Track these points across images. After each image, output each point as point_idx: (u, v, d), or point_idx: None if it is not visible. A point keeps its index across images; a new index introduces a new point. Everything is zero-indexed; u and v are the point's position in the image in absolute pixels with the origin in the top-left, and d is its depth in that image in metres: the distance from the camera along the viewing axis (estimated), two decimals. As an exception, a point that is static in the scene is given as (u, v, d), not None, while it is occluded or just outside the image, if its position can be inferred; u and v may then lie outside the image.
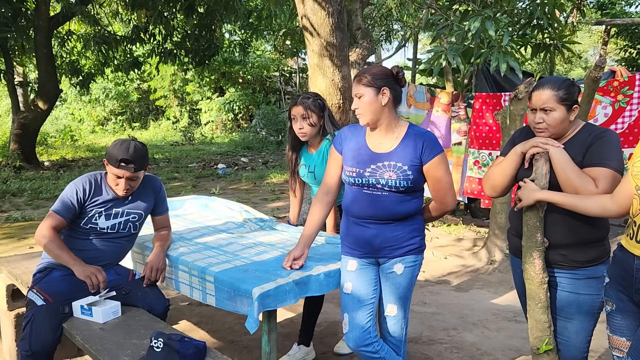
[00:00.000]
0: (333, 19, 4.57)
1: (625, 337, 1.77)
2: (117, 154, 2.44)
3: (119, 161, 2.43)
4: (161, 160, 13.31)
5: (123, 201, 2.60)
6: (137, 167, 2.48)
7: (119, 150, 2.45)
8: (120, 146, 2.46)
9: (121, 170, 2.45)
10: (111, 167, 2.48)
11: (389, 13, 14.13)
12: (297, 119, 2.82)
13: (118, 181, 2.50)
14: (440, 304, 3.91)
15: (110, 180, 2.54)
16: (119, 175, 2.48)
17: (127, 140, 2.51)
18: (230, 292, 2.20)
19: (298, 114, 2.81)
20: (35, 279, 2.50)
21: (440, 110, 6.00)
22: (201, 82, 20.57)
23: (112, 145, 2.50)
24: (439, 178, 2.17)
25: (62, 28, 12.79)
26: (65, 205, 2.49)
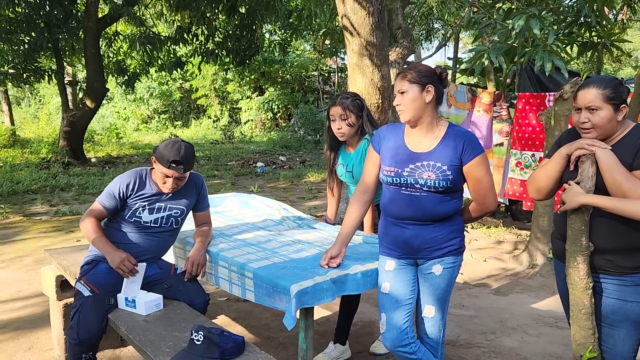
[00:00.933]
0: (373, 18, 4.55)
1: None
2: (169, 155, 2.50)
3: (169, 162, 2.50)
4: (201, 158, 13.57)
5: (166, 196, 2.67)
6: (186, 168, 2.55)
7: (170, 151, 2.51)
8: (171, 147, 2.52)
9: (171, 170, 2.52)
10: (160, 166, 2.54)
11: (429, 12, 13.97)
12: (335, 119, 2.83)
13: (166, 180, 2.57)
14: (479, 307, 3.84)
15: (157, 177, 2.61)
16: (167, 175, 2.54)
17: (177, 141, 2.58)
18: (269, 288, 2.23)
19: (336, 114, 2.82)
20: (83, 270, 2.60)
21: (481, 110, 5.89)
22: (241, 81, 20.87)
23: (163, 145, 2.57)
24: (480, 178, 2.14)
25: (110, 29, 13.21)
26: (108, 197, 2.60)
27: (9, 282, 4.43)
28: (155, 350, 2.06)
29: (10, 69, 12.03)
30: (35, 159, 12.52)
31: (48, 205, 7.74)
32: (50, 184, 9.23)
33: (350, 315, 3.05)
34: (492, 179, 2.21)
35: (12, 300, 4.01)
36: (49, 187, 9.04)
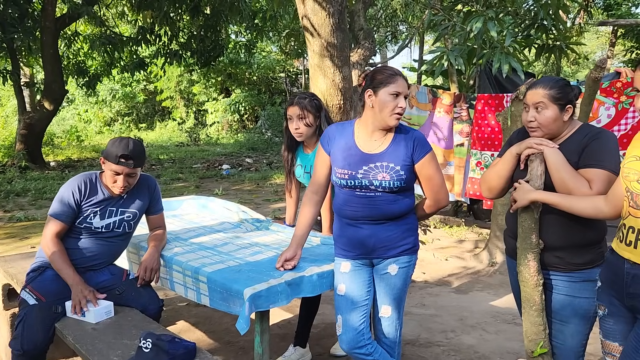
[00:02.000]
0: (334, 19, 4.56)
1: (617, 342, 1.74)
2: (117, 151, 2.44)
3: (118, 157, 2.43)
4: (166, 161, 13.35)
5: (118, 200, 2.60)
6: (136, 163, 2.48)
7: (118, 146, 2.45)
8: (119, 143, 2.46)
9: (120, 166, 2.44)
10: (110, 164, 2.47)
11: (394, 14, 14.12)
12: (293, 119, 2.81)
13: (116, 178, 2.48)
14: (440, 306, 3.88)
15: (107, 178, 2.52)
16: (117, 172, 2.46)
17: (124, 137, 2.52)
18: (223, 292, 2.19)
19: (294, 114, 2.79)
20: (29, 278, 2.50)
21: (442, 111, 5.97)
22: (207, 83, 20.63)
23: (110, 143, 2.50)
24: (431, 176, 2.17)
25: (69, 29, 12.87)
26: (63, 209, 2.49)
27: (-44, 291, 4.23)
28: (103, 359, 1.99)
29: (-38, 69, 11.58)
30: (-10, 163, 12.08)
31: (2, 211, 7.46)
32: (4, 188, 8.90)
33: (311, 317, 3.03)
34: (442, 175, 2.25)
35: (-41, 311, 3.82)
36: (4, 192, 8.71)
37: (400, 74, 2.15)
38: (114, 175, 2.49)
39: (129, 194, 2.63)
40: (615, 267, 1.68)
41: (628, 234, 1.63)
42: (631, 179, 1.62)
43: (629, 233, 1.63)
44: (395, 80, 2.09)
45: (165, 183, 9.91)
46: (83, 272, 2.54)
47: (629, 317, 1.69)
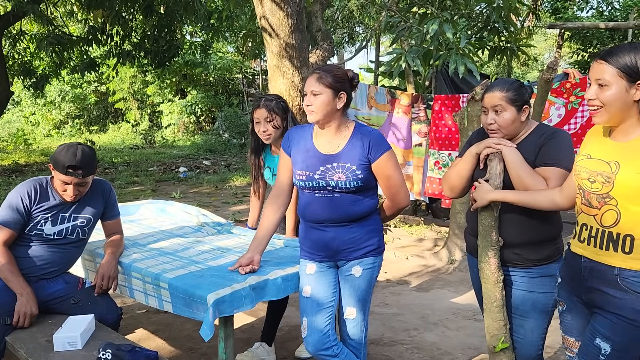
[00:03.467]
0: (292, 20, 4.53)
1: (574, 337, 1.81)
2: (64, 160, 2.33)
3: (66, 168, 2.33)
4: (120, 164, 12.98)
5: (70, 206, 2.50)
6: (85, 172, 2.38)
7: (66, 156, 2.34)
8: (66, 152, 2.35)
9: (69, 176, 2.35)
10: (58, 173, 2.37)
11: (350, 15, 14.22)
12: (260, 122, 2.78)
13: (66, 187, 2.39)
14: (402, 305, 3.92)
15: (57, 185, 2.43)
16: (66, 182, 2.37)
17: (73, 144, 2.41)
18: (186, 298, 2.14)
19: (261, 117, 2.77)
20: None
21: (400, 112, 6.05)
22: (162, 84, 20.20)
23: (58, 150, 2.39)
24: (389, 175, 2.16)
25: (14, 28, 12.32)
26: (12, 215, 2.37)
27: None
28: (59, 373, 1.91)
29: None
30: None
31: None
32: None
33: (277, 319, 3.02)
34: (401, 175, 2.24)
35: None
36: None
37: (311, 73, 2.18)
38: (63, 185, 2.39)
39: (81, 199, 2.53)
40: (573, 263, 1.74)
41: (582, 232, 1.69)
42: (582, 177, 1.68)
43: (582, 230, 1.69)
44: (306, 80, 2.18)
45: (120, 187, 9.63)
46: (35, 281, 2.44)
47: (586, 313, 1.75)
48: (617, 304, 1.58)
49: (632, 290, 1.55)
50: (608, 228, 1.60)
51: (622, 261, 1.57)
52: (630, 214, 1.55)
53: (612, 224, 1.59)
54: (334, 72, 2.12)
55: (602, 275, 1.62)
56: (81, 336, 2.09)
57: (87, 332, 2.15)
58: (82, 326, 2.13)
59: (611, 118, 1.60)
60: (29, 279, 2.39)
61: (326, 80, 2.09)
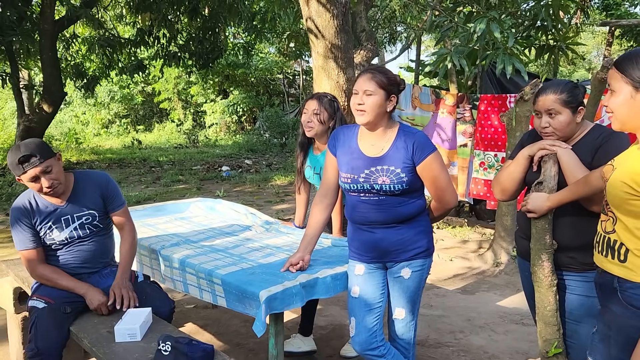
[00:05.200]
0: (337, 21, 4.57)
1: None
2: (14, 160, 2.26)
3: (20, 164, 2.25)
4: (165, 163, 13.32)
5: (64, 208, 2.47)
6: (40, 157, 2.28)
7: (13, 156, 2.27)
8: (12, 153, 2.29)
9: (29, 170, 2.27)
10: (23, 177, 2.30)
11: (392, 15, 14.14)
12: (308, 113, 2.82)
13: (38, 183, 2.32)
14: (447, 307, 3.89)
15: (33, 188, 2.36)
16: (33, 177, 2.29)
17: (14, 145, 2.36)
18: (239, 294, 2.20)
19: (310, 108, 2.82)
20: (34, 288, 2.51)
21: (445, 112, 5.99)
22: (205, 84, 20.62)
23: (8, 158, 2.32)
24: (435, 177, 2.14)
25: (67, 31, 12.83)
26: (24, 237, 2.40)
27: (-38, 295, 4.22)
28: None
29: (-40, 72, 11.53)
30: (-10, 166, 12.04)
31: (4, 214, 7.44)
32: (6, 192, 8.89)
33: (313, 307, 3.07)
34: (448, 175, 2.21)
35: (-34, 315, 3.82)
36: (5, 195, 8.71)
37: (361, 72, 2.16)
38: (35, 183, 2.32)
39: (72, 196, 2.49)
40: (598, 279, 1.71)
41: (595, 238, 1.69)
42: None
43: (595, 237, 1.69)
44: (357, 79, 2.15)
45: (166, 185, 9.90)
46: (87, 278, 2.54)
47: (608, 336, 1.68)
48: (619, 323, 1.52)
49: (631, 306, 1.50)
50: (608, 234, 1.59)
51: (619, 269, 1.53)
52: (619, 222, 1.54)
53: (610, 230, 1.58)
54: (388, 74, 2.12)
55: (606, 287, 1.59)
56: (140, 328, 2.18)
57: (145, 325, 2.24)
58: (141, 319, 2.22)
59: (623, 124, 1.56)
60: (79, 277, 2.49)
61: (381, 80, 2.08)
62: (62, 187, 2.43)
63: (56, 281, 2.43)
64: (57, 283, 2.42)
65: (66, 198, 2.48)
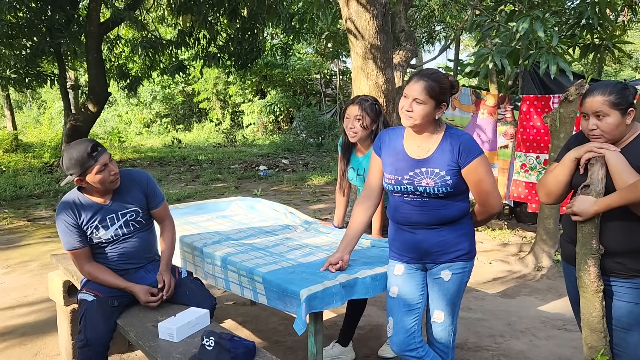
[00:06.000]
0: (377, 21, 4.56)
1: None
2: (82, 154, 2.35)
3: (89, 156, 2.36)
4: (204, 162, 13.58)
5: (109, 207, 2.55)
6: (102, 148, 2.44)
7: (79, 151, 2.36)
8: (76, 149, 2.38)
9: (101, 158, 2.39)
10: (89, 170, 2.38)
11: (431, 14, 13.99)
12: (350, 119, 2.82)
13: (106, 172, 2.42)
14: (486, 310, 3.84)
15: (98, 184, 2.45)
16: (102, 168, 2.39)
17: (69, 146, 2.43)
18: (279, 292, 2.23)
19: (352, 114, 2.81)
20: (84, 282, 2.61)
21: (486, 112, 5.89)
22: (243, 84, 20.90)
23: (68, 158, 2.37)
24: (480, 180, 2.11)
25: (111, 33, 13.23)
26: (71, 237, 2.48)
27: (15, 287, 4.43)
28: (165, 356, 2.06)
29: (12, 73, 12.05)
30: (38, 163, 12.54)
31: (52, 209, 7.74)
32: (53, 188, 9.24)
33: (356, 319, 3.06)
34: (493, 179, 2.18)
35: (18, 306, 4.00)
36: (52, 191, 9.05)
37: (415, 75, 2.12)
38: (102, 174, 2.41)
39: (116, 195, 2.58)
40: None
41: None
42: None
43: None
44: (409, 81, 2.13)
45: (205, 183, 10.09)
46: (134, 273, 2.63)
47: None
48: None
49: None
50: None
51: None
52: None
53: None
54: (442, 83, 2.07)
55: None
56: (178, 330, 2.21)
57: (189, 326, 2.27)
58: (186, 320, 2.27)
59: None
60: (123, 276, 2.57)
61: (433, 91, 2.05)
62: (119, 180, 2.54)
63: (102, 279, 2.52)
64: (103, 281, 2.52)
65: (110, 197, 2.57)
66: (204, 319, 2.35)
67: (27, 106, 30.24)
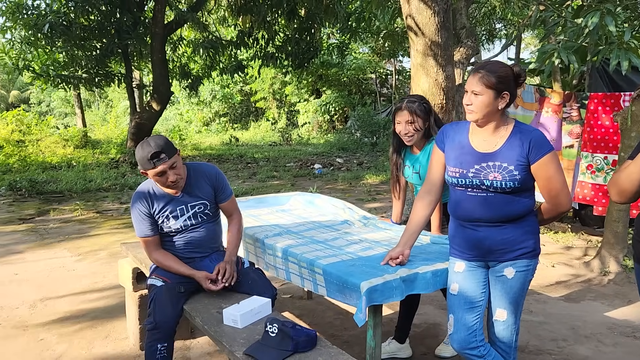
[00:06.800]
0: (439, 17, 4.51)
1: None
2: (145, 155, 2.45)
3: (150, 160, 2.45)
4: (261, 160, 13.84)
5: (181, 198, 2.65)
6: (167, 154, 2.47)
7: (144, 152, 2.46)
8: (142, 149, 2.47)
9: (159, 165, 2.46)
10: (150, 171, 2.49)
11: (492, 11, 13.65)
12: (401, 124, 2.80)
13: (164, 178, 2.51)
14: (548, 314, 3.72)
15: (158, 182, 2.56)
16: (160, 173, 2.49)
17: (144, 141, 2.53)
18: (339, 284, 2.26)
19: (403, 119, 2.78)
20: (152, 268, 2.74)
21: (550, 111, 5.69)
22: (299, 84, 21.13)
23: (137, 153, 2.50)
24: (549, 177, 2.06)
25: (175, 34, 13.73)
26: (143, 225, 2.62)
27: (85, 273, 4.69)
28: (230, 341, 2.13)
29: (83, 73, 12.74)
30: (105, 159, 13.17)
31: (118, 202, 8.13)
32: (119, 182, 9.69)
33: (411, 315, 3.05)
34: (563, 177, 2.11)
35: (89, 292, 4.24)
36: (119, 185, 9.50)
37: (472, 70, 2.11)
38: (160, 177, 2.51)
39: (188, 187, 2.67)
40: None
41: None
42: None
43: None
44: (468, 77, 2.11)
45: (262, 180, 10.29)
46: (199, 262, 2.73)
47: None
48: None
49: None
50: None
51: None
52: None
53: None
54: (498, 72, 2.05)
55: None
56: (242, 317, 2.28)
57: (252, 314, 2.34)
58: (249, 307, 2.34)
59: None
60: (192, 261, 2.69)
61: (488, 80, 2.03)
62: (183, 181, 2.64)
63: (168, 266, 2.64)
64: (169, 267, 2.64)
65: (181, 189, 2.68)
66: (266, 307, 2.42)
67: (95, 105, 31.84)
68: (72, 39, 11.15)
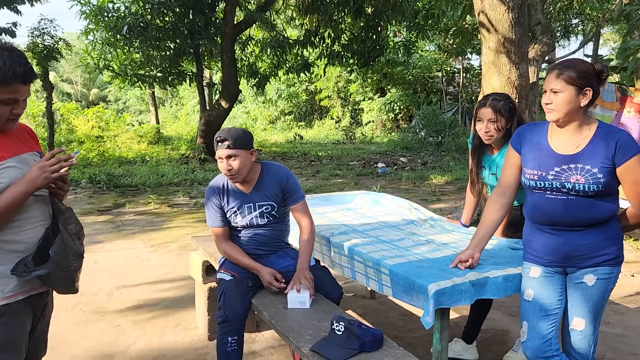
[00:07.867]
0: (513, 13, 4.36)
1: None
2: (216, 136, 2.56)
3: (215, 141, 2.55)
4: (324, 158, 13.92)
5: (250, 197, 2.69)
6: (231, 143, 2.50)
7: (219, 133, 2.57)
8: (219, 132, 2.59)
9: (218, 150, 2.53)
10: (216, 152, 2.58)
11: (568, 6, 13.01)
12: (483, 121, 2.72)
13: (222, 164, 2.55)
14: (627, 326, 3.50)
15: (220, 167, 2.60)
16: (220, 157, 2.54)
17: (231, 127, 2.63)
18: (406, 285, 2.23)
19: (485, 117, 2.70)
20: (221, 262, 2.83)
21: (632, 110, 5.35)
22: (364, 82, 21.07)
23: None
24: (636, 181, 1.94)
25: (244, 34, 14.07)
26: (214, 216, 2.71)
27: (158, 264, 4.91)
28: (297, 336, 2.16)
29: (158, 72, 13.31)
30: (176, 154, 13.72)
31: (188, 197, 8.44)
32: (189, 177, 10.06)
33: (481, 319, 2.97)
34: None
35: (161, 282, 4.44)
36: (189, 180, 9.87)
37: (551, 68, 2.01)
38: (220, 162, 2.56)
39: (256, 188, 2.70)
40: None
41: None
42: None
43: None
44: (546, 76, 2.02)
45: (325, 178, 10.35)
46: (265, 258, 2.78)
47: None
48: None
49: None
50: None
51: None
52: None
53: None
54: (578, 67, 1.96)
55: None
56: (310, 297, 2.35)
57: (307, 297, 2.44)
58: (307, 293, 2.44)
59: None
60: (256, 260, 2.73)
61: (568, 76, 1.95)
62: (240, 177, 2.64)
63: (235, 257, 2.71)
64: (235, 259, 2.71)
65: (251, 187, 2.73)
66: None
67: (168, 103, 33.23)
68: (148, 39, 11.69)
